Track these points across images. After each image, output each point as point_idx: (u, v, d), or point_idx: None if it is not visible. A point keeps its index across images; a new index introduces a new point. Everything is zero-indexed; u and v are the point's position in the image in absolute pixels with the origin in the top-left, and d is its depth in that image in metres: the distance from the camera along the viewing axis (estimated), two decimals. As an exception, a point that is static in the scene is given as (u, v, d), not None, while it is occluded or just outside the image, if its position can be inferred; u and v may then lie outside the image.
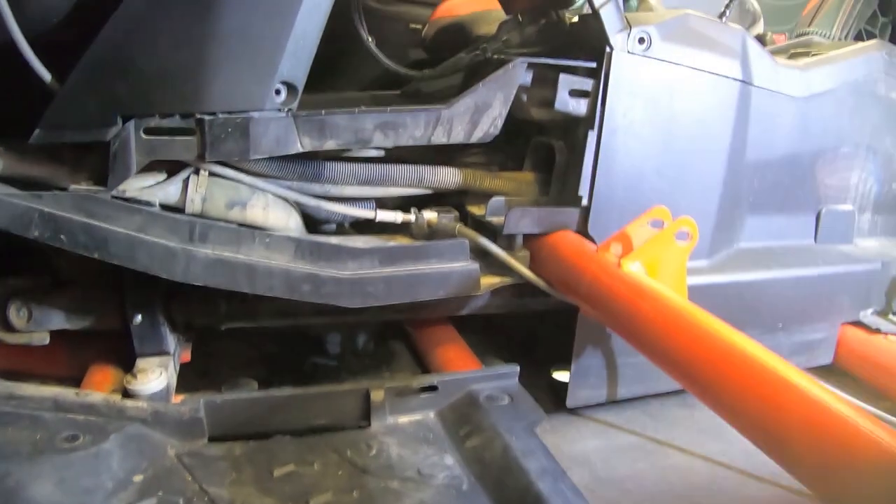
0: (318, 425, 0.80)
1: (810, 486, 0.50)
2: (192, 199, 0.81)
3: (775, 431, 0.53)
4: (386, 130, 0.81)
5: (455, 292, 0.89)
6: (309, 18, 0.74)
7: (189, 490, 0.66)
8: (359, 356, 1.13)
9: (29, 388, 0.77)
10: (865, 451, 0.45)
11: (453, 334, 1.08)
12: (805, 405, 0.51)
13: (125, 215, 0.76)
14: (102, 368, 0.89)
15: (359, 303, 0.85)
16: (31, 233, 0.72)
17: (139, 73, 0.70)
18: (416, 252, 0.87)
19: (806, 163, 1.08)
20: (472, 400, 0.82)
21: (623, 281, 0.77)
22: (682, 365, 0.66)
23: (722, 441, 0.98)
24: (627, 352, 0.97)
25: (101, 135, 0.72)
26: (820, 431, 0.49)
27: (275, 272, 0.81)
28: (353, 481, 0.70)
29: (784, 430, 0.52)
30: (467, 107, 0.83)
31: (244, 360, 1.10)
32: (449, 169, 0.91)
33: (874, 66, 1.09)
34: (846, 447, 0.47)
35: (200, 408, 0.75)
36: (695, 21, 0.91)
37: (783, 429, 0.52)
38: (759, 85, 0.97)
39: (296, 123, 0.77)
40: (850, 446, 0.46)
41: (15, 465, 0.66)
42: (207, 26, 0.70)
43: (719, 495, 0.88)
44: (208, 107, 0.73)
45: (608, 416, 1.04)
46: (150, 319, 0.86)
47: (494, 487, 0.69)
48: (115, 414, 0.74)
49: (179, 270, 0.78)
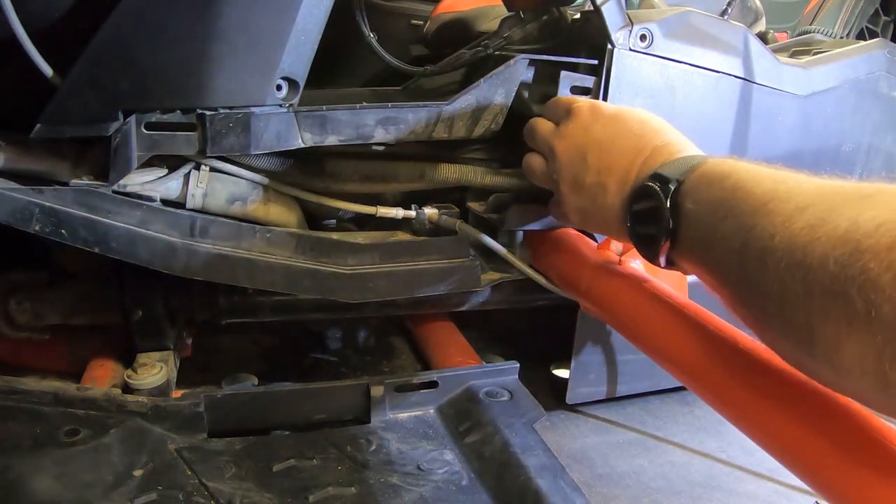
0: (317, 420, 0.80)
1: (810, 482, 0.50)
2: (193, 194, 0.81)
3: (774, 428, 0.53)
4: (387, 126, 0.81)
5: (455, 288, 0.89)
6: (310, 14, 0.74)
7: (189, 484, 0.67)
8: (359, 352, 1.13)
9: (29, 383, 0.77)
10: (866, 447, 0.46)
11: (453, 330, 1.08)
12: (805, 402, 0.51)
13: (126, 210, 0.76)
14: (103, 363, 0.89)
15: (359, 298, 0.85)
16: (32, 227, 0.72)
17: (140, 69, 0.70)
18: (416, 248, 0.88)
19: (807, 161, 1.08)
20: (471, 396, 0.82)
21: (623, 278, 0.77)
22: (682, 362, 0.66)
23: (721, 438, 0.99)
24: (627, 349, 0.97)
25: (103, 130, 0.71)
26: (819, 428, 0.49)
27: (275, 267, 0.81)
28: (353, 476, 0.70)
29: (783, 426, 0.52)
30: (468, 103, 0.83)
31: (244, 356, 1.10)
32: (450, 165, 0.91)
33: (876, 65, 1.09)
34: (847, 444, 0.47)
35: (201, 403, 0.75)
36: (696, 18, 0.91)
37: (782, 425, 0.52)
38: (761, 83, 0.97)
39: (297, 119, 0.77)
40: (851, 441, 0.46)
41: (15, 458, 0.66)
42: (209, 21, 0.70)
43: (718, 491, 0.88)
44: (209, 102, 0.73)
45: (608, 413, 1.04)
46: (150, 314, 0.86)
47: (494, 483, 0.69)
48: (115, 408, 0.74)
49: (180, 265, 0.78)
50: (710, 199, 0.51)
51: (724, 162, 0.53)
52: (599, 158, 0.68)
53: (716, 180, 0.52)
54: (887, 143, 1.16)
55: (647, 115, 0.69)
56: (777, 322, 0.44)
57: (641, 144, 0.64)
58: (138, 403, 0.75)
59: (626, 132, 0.67)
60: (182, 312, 0.91)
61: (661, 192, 0.56)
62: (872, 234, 0.36)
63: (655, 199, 0.56)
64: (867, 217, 0.37)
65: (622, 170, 0.65)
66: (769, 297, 0.43)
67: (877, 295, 0.35)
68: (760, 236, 0.44)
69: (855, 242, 0.36)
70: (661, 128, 0.66)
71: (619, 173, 0.65)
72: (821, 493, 0.49)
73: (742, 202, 0.47)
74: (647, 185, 0.58)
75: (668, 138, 0.64)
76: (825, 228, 0.39)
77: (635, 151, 0.64)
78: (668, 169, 0.57)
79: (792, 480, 0.85)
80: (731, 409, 0.59)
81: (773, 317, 0.44)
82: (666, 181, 0.56)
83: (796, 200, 0.43)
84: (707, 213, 0.51)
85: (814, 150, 1.08)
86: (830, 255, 0.38)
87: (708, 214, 0.51)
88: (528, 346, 1.16)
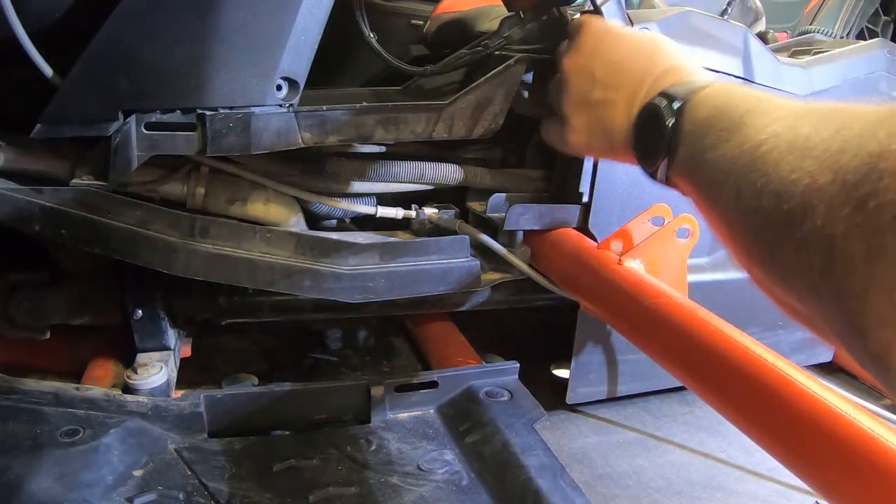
0: (317, 420, 0.80)
1: (810, 482, 0.50)
2: (193, 195, 0.81)
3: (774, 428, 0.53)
4: (387, 126, 0.81)
5: (455, 288, 0.89)
6: (310, 14, 0.74)
7: (189, 485, 0.67)
8: (359, 352, 1.13)
9: (29, 383, 0.77)
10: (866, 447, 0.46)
11: (453, 330, 1.08)
12: (805, 402, 0.51)
13: (126, 210, 0.76)
14: (103, 363, 0.89)
15: (359, 298, 0.85)
16: (33, 227, 0.72)
17: (140, 69, 0.70)
18: (416, 248, 0.88)
19: (807, 161, 1.08)
20: (471, 396, 0.82)
21: (623, 278, 0.77)
22: (682, 362, 0.66)
23: (721, 438, 0.99)
24: (627, 349, 0.97)
25: (103, 129, 0.71)
26: (820, 428, 0.49)
27: (276, 267, 0.81)
28: (353, 476, 0.70)
29: (784, 426, 0.52)
30: (468, 103, 0.83)
31: (244, 356, 1.10)
32: (450, 165, 0.91)
33: (876, 65, 1.09)
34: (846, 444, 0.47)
35: (200, 403, 0.76)
36: (696, 18, 0.91)
37: (783, 425, 0.52)
38: (761, 82, 0.96)
39: (297, 119, 0.77)
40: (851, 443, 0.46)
41: (15, 458, 0.66)
42: (209, 21, 0.70)
43: (718, 491, 0.88)
44: (209, 102, 0.73)
45: (608, 413, 1.04)
46: (150, 314, 0.86)
47: (494, 483, 0.69)
48: (115, 408, 0.74)
49: (180, 265, 0.78)
50: (700, 117, 0.52)
51: (724, 84, 0.54)
52: (610, 75, 0.67)
53: (709, 99, 0.53)
54: (887, 143, 1.16)
55: (659, 36, 0.69)
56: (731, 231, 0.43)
57: (652, 64, 0.64)
58: (138, 403, 0.75)
59: (638, 51, 0.67)
60: (182, 312, 0.91)
61: (664, 110, 0.56)
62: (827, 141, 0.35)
63: (659, 115, 0.57)
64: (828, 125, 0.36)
65: (632, 87, 0.65)
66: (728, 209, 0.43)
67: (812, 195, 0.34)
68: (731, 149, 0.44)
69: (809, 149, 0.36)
70: (672, 50, 0.66)
71: (629, 91, 0.65)
72: (821, 493, 0.49)
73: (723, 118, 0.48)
74: (654, 103, 0.58)
75: (680, 61, 0.64)
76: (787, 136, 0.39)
77: (645, 70, 0.64)
78: (675, 89, 0.58)
79: (792, 480, 0.85)
80: (731, 409, 0.59)
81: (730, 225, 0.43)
82: (672, 99, 0.56)
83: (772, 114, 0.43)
84: (697, 132, 0.52)
85: (814, 150, 1.08)
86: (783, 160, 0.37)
87: (697, 133, 0.51)
88: (528, 346, 1.16)
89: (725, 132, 0.46)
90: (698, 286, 0.89)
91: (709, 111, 0.51)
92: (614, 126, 0.66)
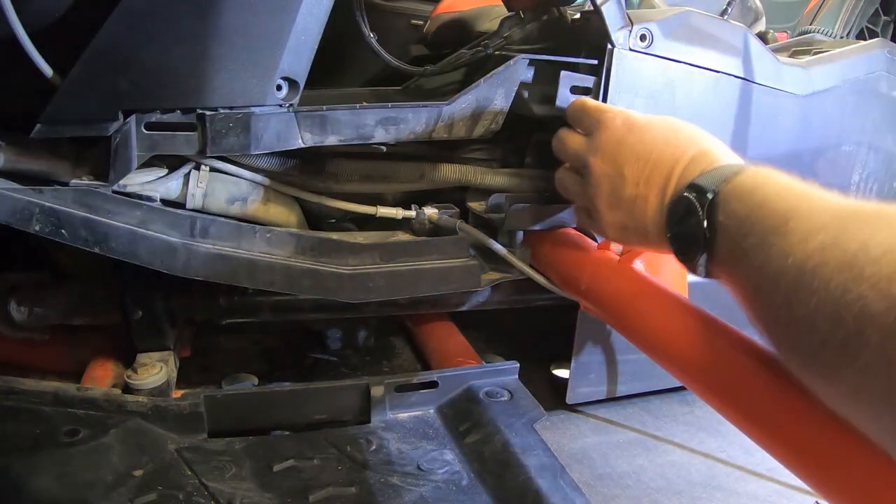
0: (317, 420, 0.80)
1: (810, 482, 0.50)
2: (193, 195, 0.81)
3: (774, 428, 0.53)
4: (387, 126, 0.81)
5: (455, 288, 0.89)
6: (310, 14, 0.74)
7: (189, 484, 0.67)
8: (359, 352, 1.13)
9: (29, 383, 0.77)
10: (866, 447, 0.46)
11: (453, 330, 1.08)
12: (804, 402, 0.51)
13: (126, 210, 0.76)
14: (103, 363, 0.89)
15: (359, 298, 0.85)
16: (32, 227, 0.72)
17: (140, 69, 0.70)
18: (416, 248, 0.87)
19: (807, 160, 1.08)
20: (471, 396, 0.82)
21: (623, 278, 0.77)
22: (682, 362, 0.66)
23: (721, 438, 0.99)
24: (627, 349, 0.97)
25: (103, 130, 0.71)
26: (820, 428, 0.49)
27: (276, 267, 0.81)
28: (353, 476, 0.70)
29: (784, 426, 0.52)
30: (468, 103, 0.83)
31: (244, 356, 1.10)
32: (450, 165, 0.91)
33: (876, 65, 1.09)
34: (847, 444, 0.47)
35: (201, 403, 0.76)
36: (696, 18, 0.91)
37: (782, 426, 0.52)
38: (761, 82, 0.97)
39: (297, 119, 0.77)
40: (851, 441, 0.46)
41: (15, 458, 0.66)
42: (209, 21, 0.70)
43: (718, 491, 0.88)
44: (209, 102, 0.73)
45: (608, 413, 1.04)
46: (150, 314, 0.86)
47: (494, 483, 0.69)
48: (115, 409, 0.74)
49: (180, 265, 0.78)
50: (738, 214, 0.51)
51: (757, 174, 0.53)
52: (637, 171, 0.66)
53: (745, 194, 0.52)
54: (887, 143, 1.16)
55: (680, 122, 0.68)
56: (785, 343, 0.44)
57: (678, 153, 0.63)
58: (138, 403, 0.75)
59: (663, 142, 0.65)
60: (182, 312, 0.91)
61: (697, 204, 0.55)
62: (877, 261, 0.36)
63: (693, 210, 0.56)
64: (876, 242, 0.37)
65: (661, 180, 0.64)
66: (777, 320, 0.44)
67: (867, 322, 0.35)
68: (777, 256, 0.44)
69: (859, 268, 0.36)
70: (695, 135, 0.65)
71: (659, 184, 0.64)
72: (821, 493, 0.49)
73: (765, 219, 0.47)
74: (685, 196, 0.57)
75: (705, 146, 0.63)
76: (835, 252, 0.39)
77: (673, 161, 0.63)
78: (704, 179, 0.57)
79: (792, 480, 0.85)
80: (730, 409, 0.59)
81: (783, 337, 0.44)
82: (703, 192, 0.55)
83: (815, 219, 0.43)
84: (735, 228, 0.51)
85: (813, 150, 1.08)
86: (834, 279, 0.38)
87: (736, 229, 0.51)
88: (528, 346, 1.16)
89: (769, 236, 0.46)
90: (698, 286, 0.89)
91: (746, 209, 0.50)
92: (647, 221, 0.66)
